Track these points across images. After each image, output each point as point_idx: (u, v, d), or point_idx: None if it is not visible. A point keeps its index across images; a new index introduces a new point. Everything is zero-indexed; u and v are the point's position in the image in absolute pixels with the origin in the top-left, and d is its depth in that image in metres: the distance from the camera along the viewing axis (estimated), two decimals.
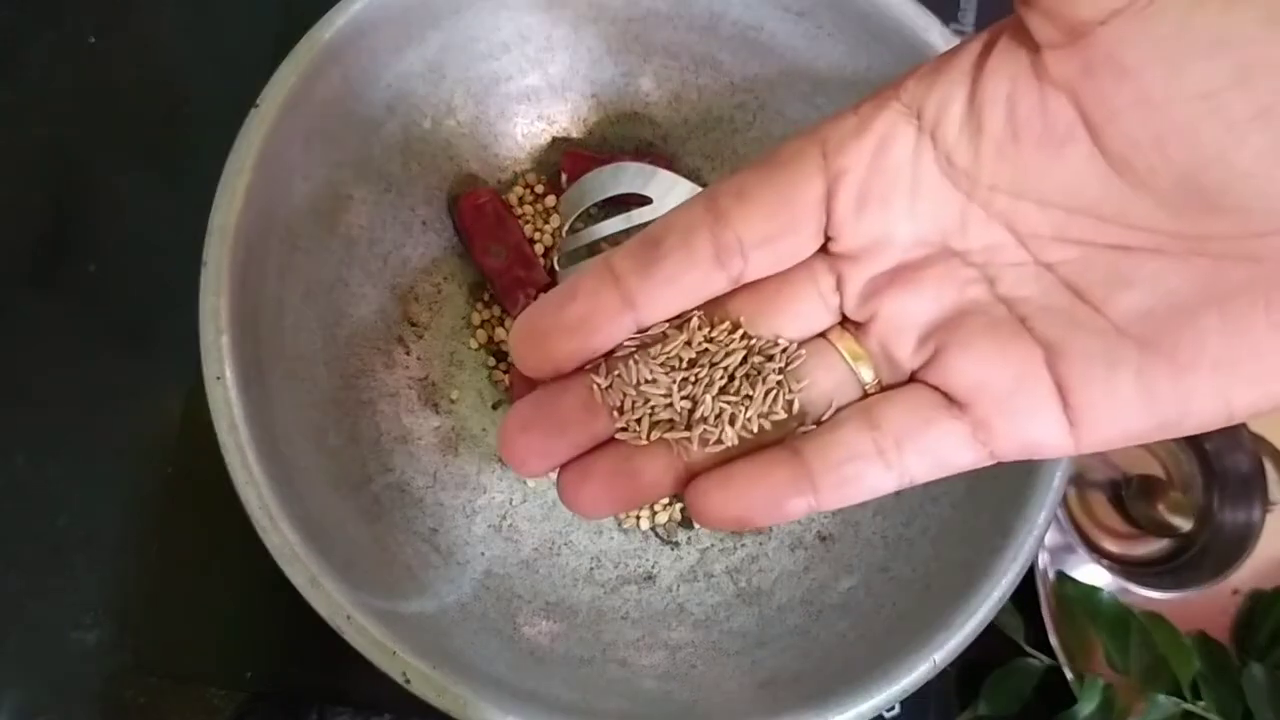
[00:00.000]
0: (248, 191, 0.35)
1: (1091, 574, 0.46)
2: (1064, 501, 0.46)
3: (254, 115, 0.35)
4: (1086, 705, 0.44)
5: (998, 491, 0.36)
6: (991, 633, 0.34)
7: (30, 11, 0.53)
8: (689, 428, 0.23)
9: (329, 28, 0.36)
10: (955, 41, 0.38)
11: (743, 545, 0.43)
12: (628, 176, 0.42)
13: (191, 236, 0.34)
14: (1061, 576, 0.46)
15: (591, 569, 0.42)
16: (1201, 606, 0.48)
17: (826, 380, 0.23)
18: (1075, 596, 0.46)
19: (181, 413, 0.48)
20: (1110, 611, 0.45)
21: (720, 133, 0.45)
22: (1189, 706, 0.44)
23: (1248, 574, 0.47)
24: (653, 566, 0.43)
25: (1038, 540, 0.34)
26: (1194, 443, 0.49)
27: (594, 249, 0.44)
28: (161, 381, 0.48)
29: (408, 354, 0.43)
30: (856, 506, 0.41)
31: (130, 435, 0.48)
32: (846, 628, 0.37)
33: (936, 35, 0.38)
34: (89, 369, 0.49)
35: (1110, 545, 0.49)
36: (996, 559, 0.34)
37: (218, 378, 0.33)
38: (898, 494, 0.40)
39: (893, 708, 0.33)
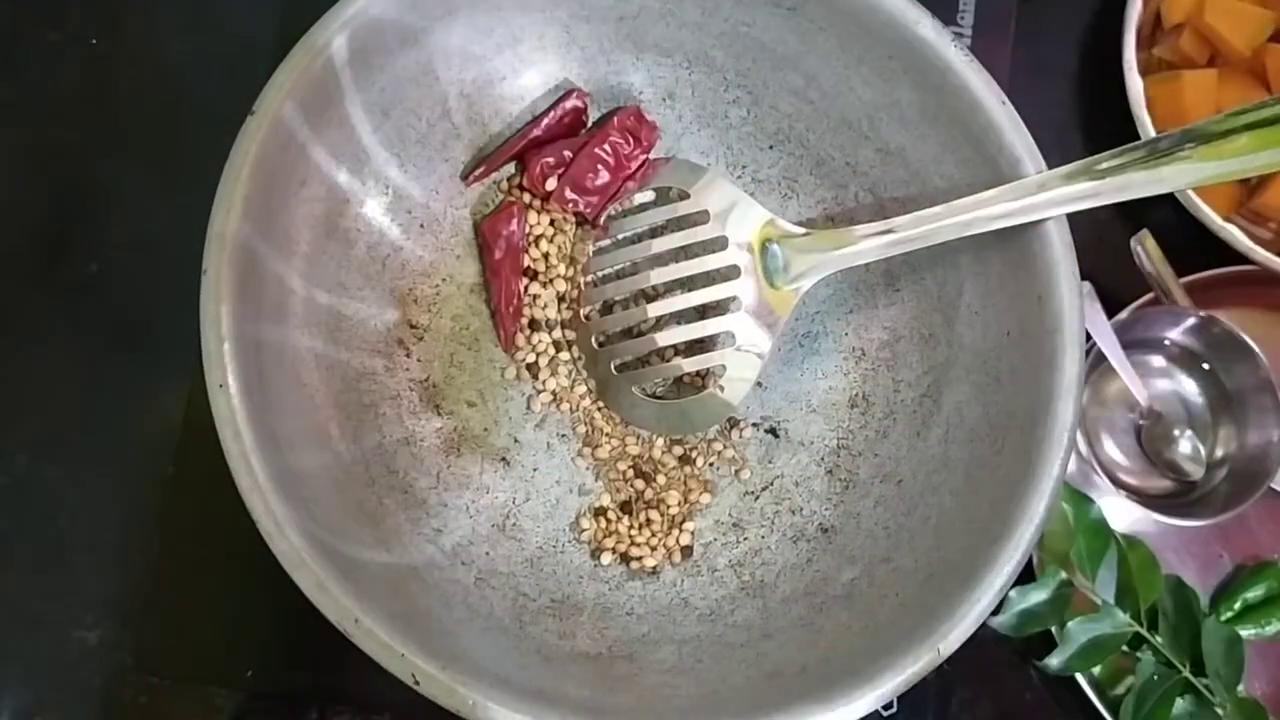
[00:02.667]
0: (245, 199, 0.35)
1: (1114, 506, 0.48)
2: (1083, 438, 0.48)
3: (250, 122, 0.35)
4: (1040, 591, 0.46)
5: (997, 481, 0.37)
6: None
7: (31, 11, 0.53)
8: None
9: (323, 32, 0.36)
10: (948, 36, 0.38)
11: (745, 539, 0.43)
12: (672, 169, 0.43)
13: (193, 236, 0.34)
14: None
15: (595, 565, 0.43)
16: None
17: None
18: (1066, 500, 0.47)
19: (182, 413, 0.48)
20: (1093, 524, 0.47)
21: (715, 129, 0.45)
22: (1141, 631, 0.46)
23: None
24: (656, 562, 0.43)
25: (1038, 529, 0.35)
26: (1216, 380, 0.50)
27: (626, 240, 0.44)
28: (162, 382, 0.49)
29: (408, 356, 0.43)
30: (858, 497, 0.42)
31: (131, 436, 0.48)
32: (850, 619, 0.38)
33: (928, 29, 0.38)
34: (90, 369, 0.49)
35: (1130, 480, 0.50)
36: (998, 548, 0.35)
37: (220, 385, 0.33)
38: (899, 484, 0.41)
39: (890, 705, 0.33)
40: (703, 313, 0.43)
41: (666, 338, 0.43)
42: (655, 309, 0.42)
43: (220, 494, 0.33)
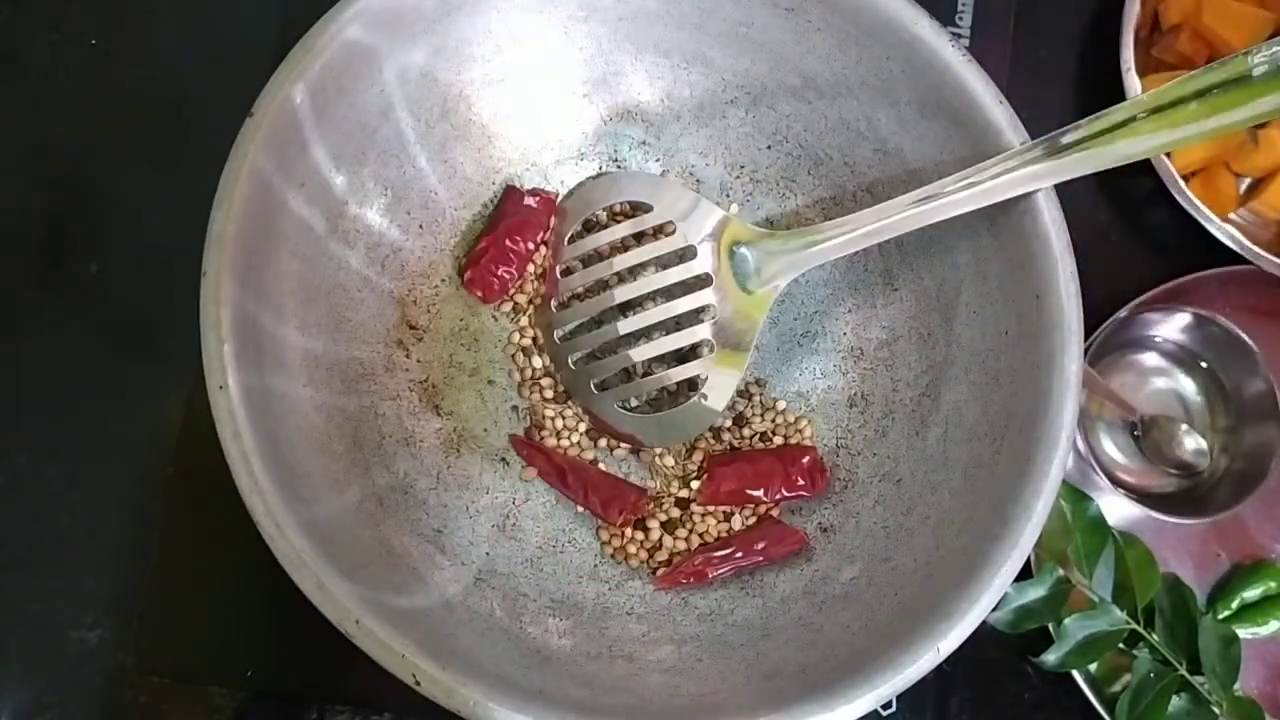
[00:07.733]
0: (244, 200, 0.35)
1: (1112, 504, 0.48)
2: (1082, 437, 0.48)
3: (249, 124, 0.35)
4: (1037, 588, 0.46)
5: (997, 480, 0.37)
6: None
7: (30, 11, 0.53)
8: None
9: (321, 34, 0.36)
10: (946, 36, 0.38)
11: None
12: (628, 183, 0.42)
13: (193, 236, 0.34)
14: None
15: (595, 565, 0.43)
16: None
17: None
18: (1064, 498, 0.47)
19: (182, 413, 0.48)
20: (1092, 522, 0.47)
21: (713, 129, 0.45)
22: (1138, 628, 0.46)
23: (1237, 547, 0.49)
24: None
25: (1038, 528, 0.35)
26: (1215, 379, 0.50)
27: (592, 257, 0.44)
28: (162, 382, 0.49)
29: (408, 357, 0.43)
30: (857, 496, 0.42)
31: (131, 435, 0.48)
32: (850, 618, 0.38)
33: (926, 29, 0.38)
34: (90, 369, 0.49)
35: (1129, 479, 0.50)
36: (997, 546, 0.35)
37: (221, 386, 0.33)
38: (898, 483, 0.41)
39: (889, 705, 0.33)
40: (678, 324, 0.43)
41: (641, 353, 0.43)
42: (626, 325, 0.42)
43: (220, 494, 0.33)
